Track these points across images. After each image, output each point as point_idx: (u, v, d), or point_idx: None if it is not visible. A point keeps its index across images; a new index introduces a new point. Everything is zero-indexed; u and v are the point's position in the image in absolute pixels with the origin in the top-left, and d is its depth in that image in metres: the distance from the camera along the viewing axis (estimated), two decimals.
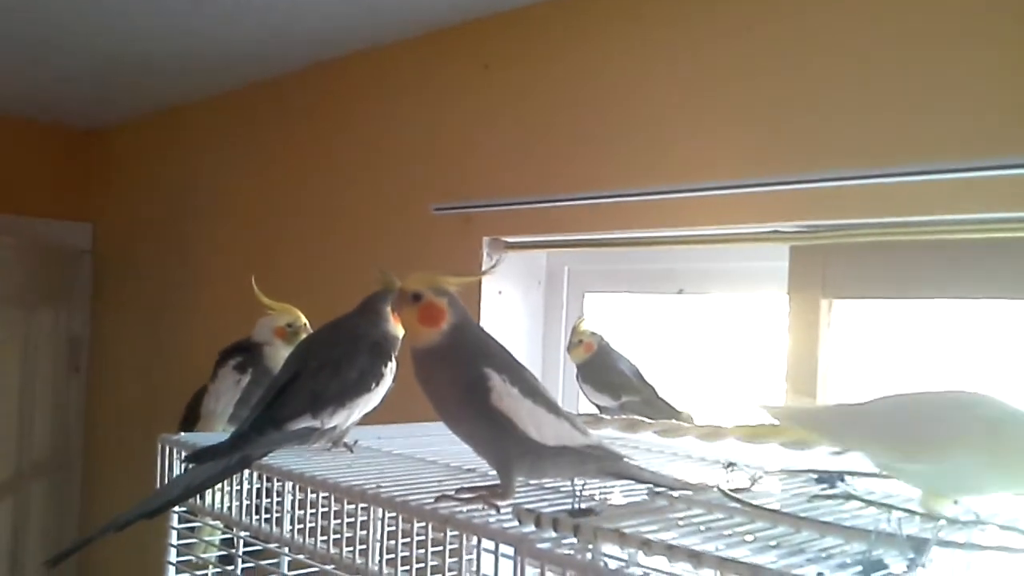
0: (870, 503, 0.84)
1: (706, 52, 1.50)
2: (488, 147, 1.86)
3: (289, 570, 1.11)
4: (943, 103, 1.22)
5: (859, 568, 0.64)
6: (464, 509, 0.83)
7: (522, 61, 1.80)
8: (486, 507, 0.84)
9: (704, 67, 1.50)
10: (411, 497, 0.87)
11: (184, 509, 1.16)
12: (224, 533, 1.17)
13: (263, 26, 2.04)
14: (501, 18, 1.83)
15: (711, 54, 1.49)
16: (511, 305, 1.88)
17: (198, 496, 1.12)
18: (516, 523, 0.75)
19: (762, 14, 1.43)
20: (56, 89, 2.72)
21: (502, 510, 0.83)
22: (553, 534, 0.71)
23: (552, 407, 0.91)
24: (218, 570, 1.18)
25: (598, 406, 1.54)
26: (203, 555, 1.20)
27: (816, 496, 0.88)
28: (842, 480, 0.94)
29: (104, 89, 2.69)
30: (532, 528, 0.73)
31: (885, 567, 0.64)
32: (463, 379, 0.89)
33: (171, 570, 1.17)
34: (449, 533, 0.79)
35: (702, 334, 1.70)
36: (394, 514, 0.86)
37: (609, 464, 0.91)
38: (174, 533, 1.18)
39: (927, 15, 1.25)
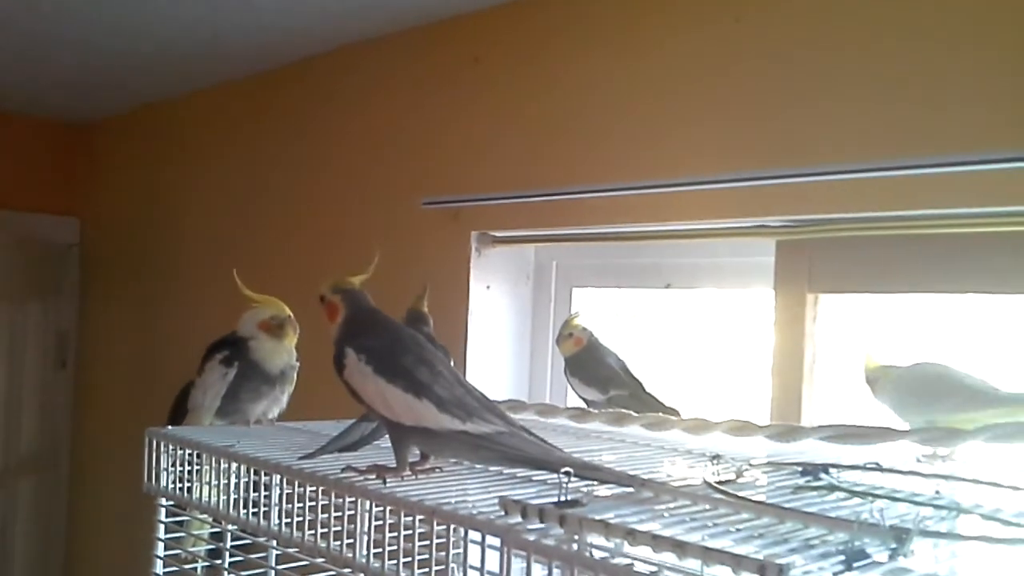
0: (853, 494, 0.85)
1: (693, 46, 1.50)
2: (477, 141, 1.86)
3: (278, 563, 1.11)
4: (927, 99, 1.23)
5: (841, 558, 0.64)
6: (362, 479, 0.91)
7: (512, 55, 1.80)
8: (379, 477, 0.91)
9: (691, 61, 1.50)
10: (398, 490, 0.87)
11: (171, 503, 1.16)
12: (213, 526, 1.17)
13: (250, 21, 2.03)
14: (491, 12, 1.83)
15: (698, 48, 1.49)
16: (499, 299, 1.89)
17: (186, 490, 1.13)
18: (503, 514, 0.75)
19: (749, 8, 1.43)
20: (43, 84, 2.71)
21: (476, 501, 0.83)
22: (539, 525, 0.72)
23: (418, 388, 0.94)
24: (207, 563, 1.18)
25: (586, 400, 1.54)
26: (192, 548, 1.20)
27: (800, 488, 0.88)
28: (826, 472, 0.95)
29: (91, 84, 2.68)
30: (518, 519, 0.73)
31: (867, 557, 0.65)
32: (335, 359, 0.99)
33: (159, 564, 1.17)
34: (436, 525, 0.80)
35: (689, 328, 1.71)
36: (381, 507, 0.86)
37: (510, 451, 0.92)
38: (161, 527, 1.18)
39: (911, 9, 1.26)
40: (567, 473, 0.81)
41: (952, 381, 1.13)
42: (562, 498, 0.77)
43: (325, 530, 0.92)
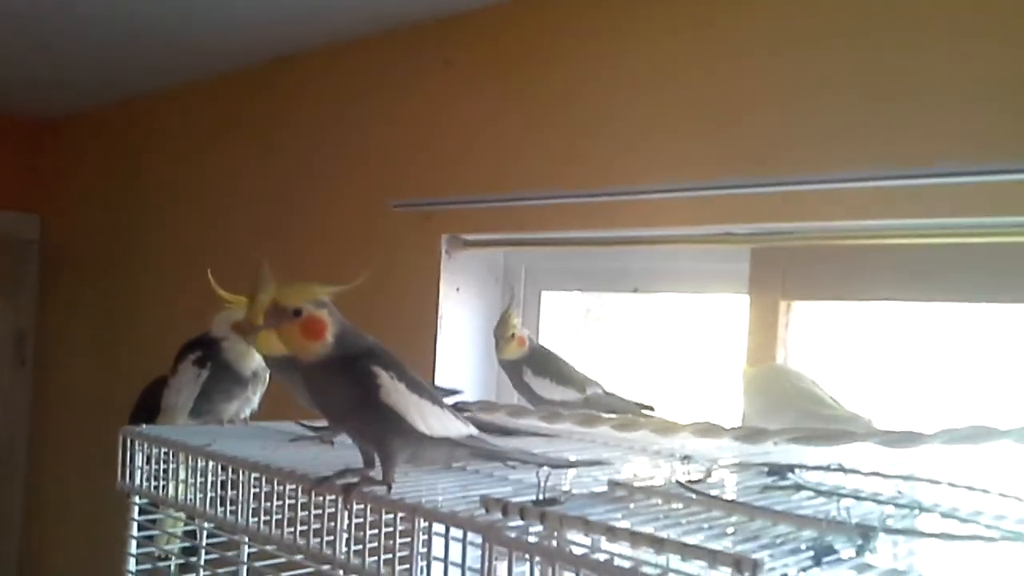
0: (819, 493, 0.88)
1: (666, 53, 1.53)
2: (448, 145, 1.87)
3: (255, 561, 1.12)
4: (900, 109, 1.26)
5: (811, 553, 0.67)
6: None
7: (483, 59, 1.82)
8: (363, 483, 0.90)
9: (664, 68, 1.53)
10: (378, 487, 0.89)
11: (145, 501, 1.17)
12: (186, 524, 1.18)
13: (220, 20, 2.03)
14: (464, 16, 1.85)
15: (671, 55, 1.52)
16: (469, 301, 1.90)
17: (160, 488, 1.13)
18: (483, 511, 0.77)
19: (722, 15, 1.46)
20: (6, 79, 2.68)
21: (454, 500, 0.85)
22: (520, 522, 0.74)
23: (436, 400, 0.97)
24: (181, 561, 1.18)
25: (554, 400, 1.51)
26: (166, 546, 1.20)
27: (768, 487, 0.91)
28: (792, 472, 0.98)
29: (55, 80, 2.65)
30: (499, 516, 0.75)
31: (835, 552, 0.68)
32: (354, 380, 0.93)
33: (131, 561, 1.17)
34: (419, 522, 0.81)
35: (661, 333, 1.73)
36: (361, 504, 0.88)
37: (478, 449, 0.98)
38: (134, 524, 1.18)
39: (886, 20, 1.29)
40: (546, 472, 0.83)
41: (789, 395, 1.26)
42: (540, 496, 0.79)
43: (304, 527, 0.93)
